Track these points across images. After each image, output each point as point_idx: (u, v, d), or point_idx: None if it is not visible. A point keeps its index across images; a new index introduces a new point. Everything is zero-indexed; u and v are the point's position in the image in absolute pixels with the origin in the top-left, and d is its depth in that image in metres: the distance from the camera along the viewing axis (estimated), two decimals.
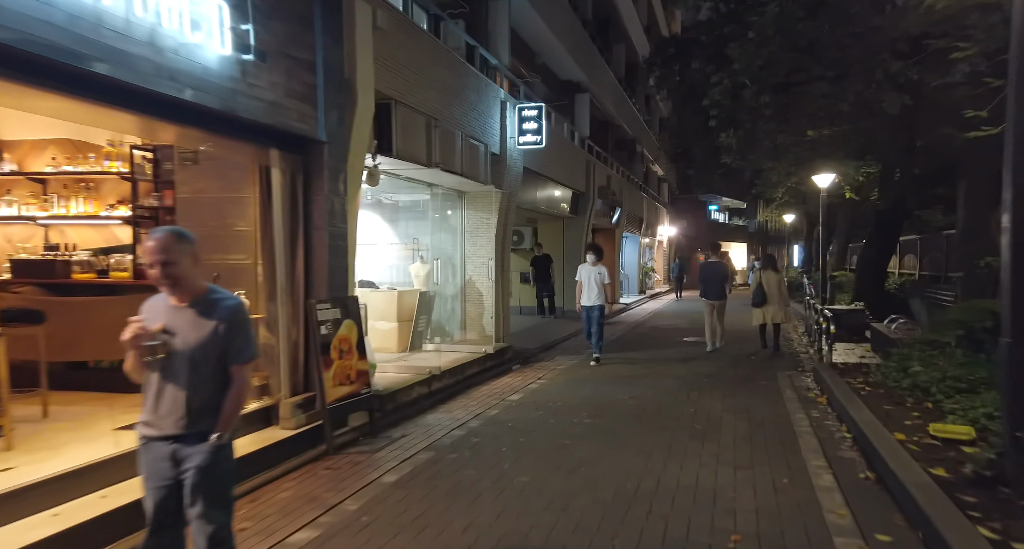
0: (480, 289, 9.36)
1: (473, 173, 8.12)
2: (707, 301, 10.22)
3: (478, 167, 8.32)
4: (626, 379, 7.77)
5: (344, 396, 4.75)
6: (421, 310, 8.40)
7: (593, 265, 8.54)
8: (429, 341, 8.74)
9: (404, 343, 8.18)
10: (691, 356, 9.61)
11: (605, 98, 17.22)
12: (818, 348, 9.72)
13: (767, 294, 9.81)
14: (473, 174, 8.12)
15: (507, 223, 9.66)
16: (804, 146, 14.82)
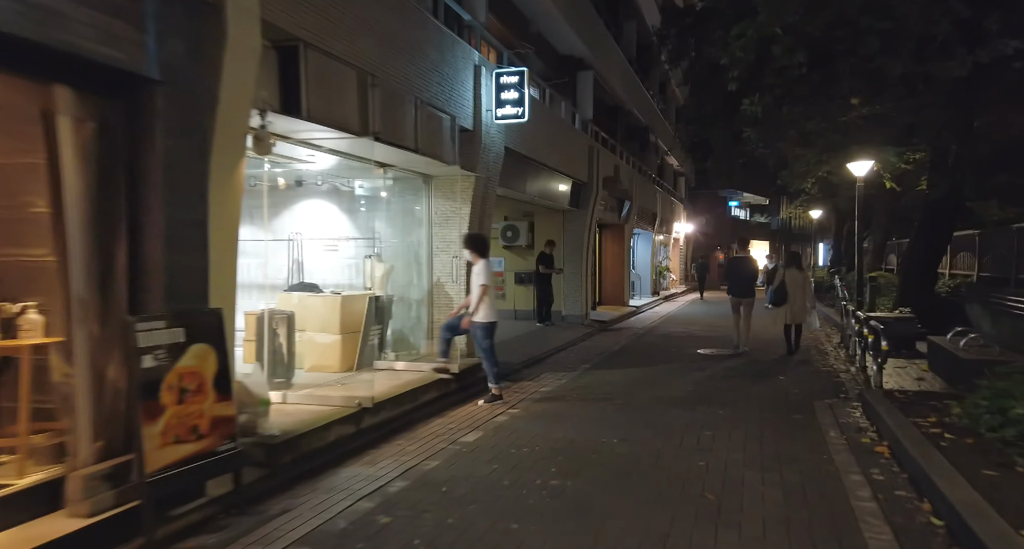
0: (450, 293, 7.81)
1: (434, 150, 6.56)
2: (734, 298, 9.76)
3: (441, 143, 6.76)
4: (620, 409, 6.15)
5: (186, 458, 3.23)
6: (374, 319, 6.87)
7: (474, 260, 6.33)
8: (385, 356, 7.22)
9: (349, 360, 6.66)
10: (706, 376, 7.95)
11: (613, 78, 15.53)
12: (861, 366, 8.04)
13: (789, 293, 9.24)
14: (434, 151, 6.56)
15: (484, 214, 8.08)
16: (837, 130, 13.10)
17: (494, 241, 13.69)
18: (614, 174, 15.32)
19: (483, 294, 6.17)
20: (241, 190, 4.04)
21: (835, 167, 14.61)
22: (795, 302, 9.34)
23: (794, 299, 9.33)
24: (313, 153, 5.86)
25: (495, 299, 14.49)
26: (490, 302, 6.32)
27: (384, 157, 6.39)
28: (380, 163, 6.68)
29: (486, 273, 6.25)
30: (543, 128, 10.52)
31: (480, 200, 7.90)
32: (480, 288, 6.18)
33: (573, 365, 8.72)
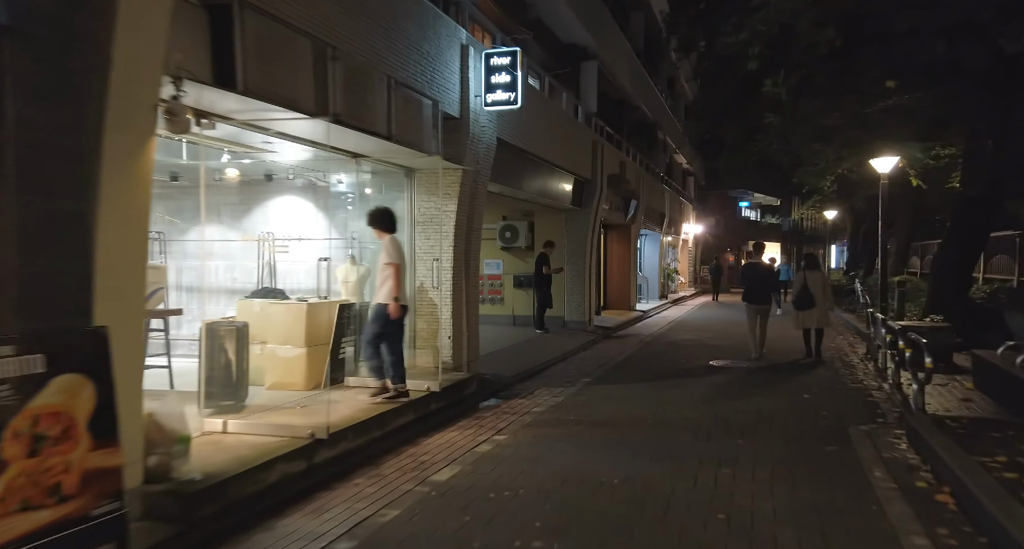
0: (435, 299, 7.01)
1: (411, 138, 5.76)
2: (750, 305, 9.36)
3: (421, 130, 5.96)
4: (622, 436, 5.32)
5: (38, 530, 2.43)
6: (347, 329, 6.07)
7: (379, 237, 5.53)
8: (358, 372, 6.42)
9: (317, 376, 5.86)
10: (720, 393, 7.10)
11: (619, 70, 14.69)
12: (895, 383, 7.17)
13: (814, 296, 8.91)
14: (411, 139, 5.76)
15: (473, 211, 7.28)
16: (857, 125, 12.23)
17: (492, 242, 12.93)
18: (619, 171, 14.48)
19: (396, 274, 5.29)
20: (149, 176, 3.26)
21: (856, 164, 13.74)
22: (820, 305, 9.00)
23: (817, 303, 8.98)
24: (270, 141, 5.08)
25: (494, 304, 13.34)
26: (403, 283, 5.49)
27: (354, 145, 5.60)
28: (353, 153, 5.90)
29: (396, 251, 5.39)
30: (542, 120, 9.72)
31: (468, 196, 7.10)
32: (390, 267, 5.29)
33: (572, 379, 7.89)
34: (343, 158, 5.91)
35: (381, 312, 5.35)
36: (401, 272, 5.35)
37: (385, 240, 5.41)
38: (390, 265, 5.27)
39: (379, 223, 5.47)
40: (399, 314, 5.35)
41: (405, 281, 5.54)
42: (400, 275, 5.32)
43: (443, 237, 6.93)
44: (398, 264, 5.30)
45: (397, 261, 5.31)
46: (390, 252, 5.32)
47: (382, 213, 5.50)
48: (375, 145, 5.59)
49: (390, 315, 5.30)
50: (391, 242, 5.41)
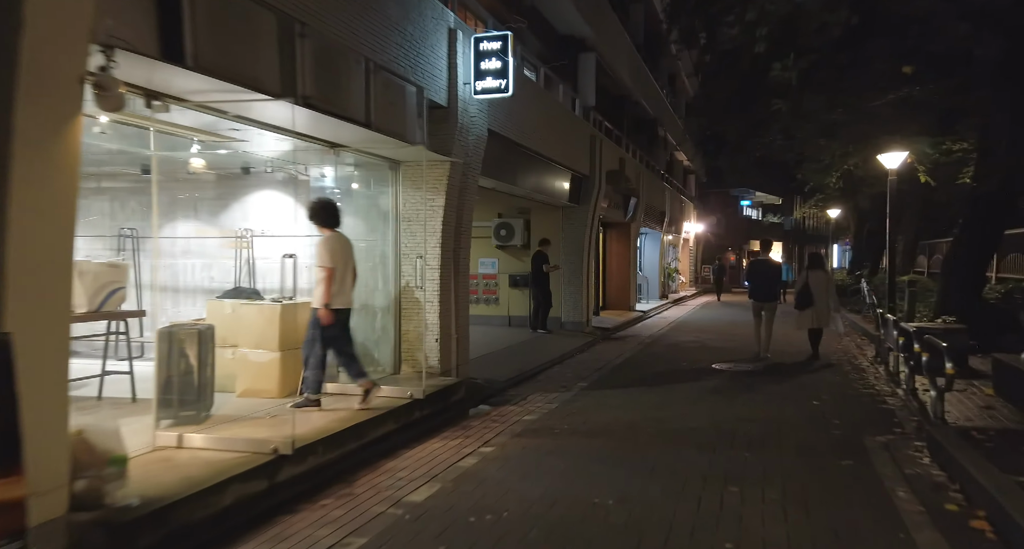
0: (421, 300, 6.60)
1: (393, 126, 5.35)
2: (756, 303, 9.30)
3: (404, 118, 5.55)
4: (619, 448, 4.91)
5: None
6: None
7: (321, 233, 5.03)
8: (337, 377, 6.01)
9: (292, 383, 5.44)
10: (724, 399, 6.69)
11: (618, 64, 14.28)
12: (910, 388, 6.77)
13: (814, 296, 8.81)
14: (393, 127, 5.35)
15: (462, 207, 6.87)
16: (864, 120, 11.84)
17: (487, 240, 12.53)
18: (619, 168, 14.08)
19: (328, 278, 4.79)
20: (76, 160, 2.84)
21: (862, 160, 13.32)
22: (820, 305, 8.88)
23: (819, 302, 8.87)
24: (238, 127, 4.67)
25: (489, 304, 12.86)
26: (346, 284, 4.96)
27: (331, 134, 5.18)
28: (330, 143, 5.49)
29: (328, 252, 4.84)
30: (537, 112, 9.31)
31: (457, 190, 6.69)
32: (322, 270, 4.80)
33: (568, 383, 7.49)
34: (320, 148, 5.49)
35: (314, 317, 4.91)
36: (336, 276, 4.86)
37: (321, 238, 4.93)
38: (322, 268, 4.80)
39: (318, 217, 4.94)
40: (330, 320, 4.85)
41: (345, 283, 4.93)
42: (333, 279, 4.83)
43: (430, 234, 6.52)
44: (331, 268, 4.82)
45: (330, 264, 4.80)
46: (321, 254, 4.84)
47: (321, 206, 4.98)
48: (353, 133, 5.17)
49: (322, 321, 4.85)
50: (326, 242, 4.89)
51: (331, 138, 5.33)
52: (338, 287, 4.89)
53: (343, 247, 5.01)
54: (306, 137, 5.06)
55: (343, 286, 4.95)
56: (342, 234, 5.07)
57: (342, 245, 5.01)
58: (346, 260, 4.99)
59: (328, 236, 4.95)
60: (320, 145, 5.43)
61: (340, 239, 5.02)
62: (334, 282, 4.85)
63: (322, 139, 5.25)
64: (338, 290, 4.89)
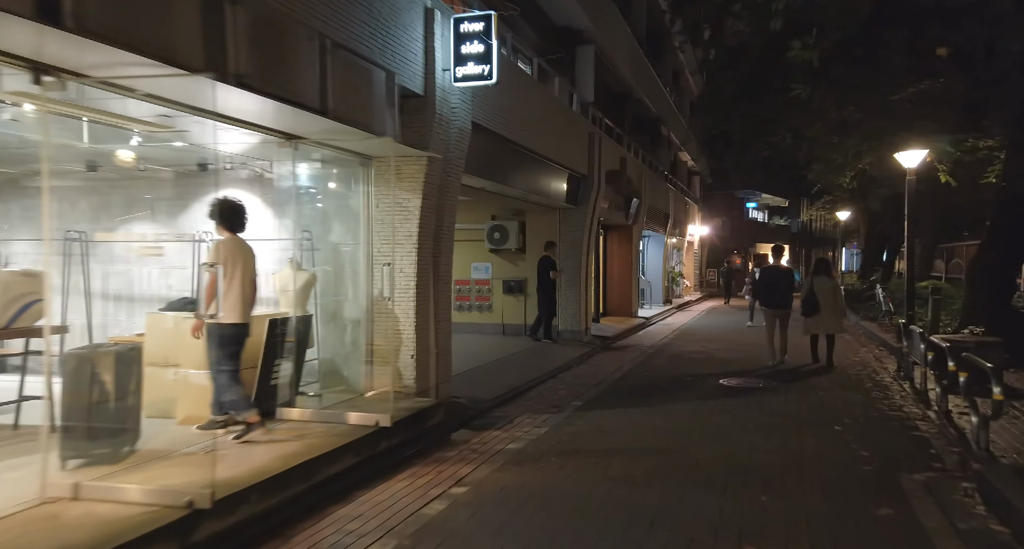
0: (396, 311, 5.91)
1: (358, 115, 4.68)
2: (768, 310, 9.18)
3: (370, 106, 4.88)
4: (614, 488, 4.20)
5: None
6: (283, 347, 4.98)
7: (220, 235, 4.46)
8: (301, 398, 5.33)
9: None
10: (735, 423, 5.97)
11: (619, 58, 13.59)
12: (943, 410, 6.05)
13: (819, 303, 8.68)
14: (357, 117, 4.68)
15: (444, 207, 6.19)
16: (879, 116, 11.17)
17: (479, 244, 11.85)
18: (620, 168, 13.38)
19: (211, 285, 4.17)
20: None
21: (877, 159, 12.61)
22: (825, 312, 8.72)
23: (824, 308, 8.71)
24: (169, 114, 4.00)
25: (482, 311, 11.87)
26: (241, 296, 4.27)
27: (284, 123, 4.51)
28: (285, 134, 4.81)
29: (232, 255, 4.25)
30: (530, 105, 8.63)
31: (436, 189, 6.01)
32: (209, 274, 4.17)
33: (561, 402, 6.79)
34: (273, 141, 4.82)
35: (213, 331, 4.26)
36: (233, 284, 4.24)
37: (217, 240, 4.33)
38: (210, 271, 4.16)
39: (220, 218, 4.33)
40: (198, 332, 4.23)
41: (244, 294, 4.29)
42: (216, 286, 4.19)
43: (405, 237, 5.84)
44: (230, 271, 4.17)
45: (230, 268, 4.19)
46: (211, 255, 4.24)
47: (226, 207, 4.36)
48: (310, 123, 4.50)
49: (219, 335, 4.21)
50: (221, 244, 4.28)
51: (285, 128, 4.66)
52: (238, 297, 4.23)
53: (242, 253, 4.36)
54: (254, 126, 4.39)
55: (242, 297, 4.28)
56: (243, 240, 4.44)
57: (240, 251, 4.37)
58: (243, 268, 4.33)
59: (226, 239, 4.32)
60: (275, 137, 4.75)
61: (239, 244, 4.38)
62: (228, 292, 4.20)
63: (274, 129, 4.58)
64: (236, 302, 4.23)
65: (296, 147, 4.94)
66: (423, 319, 5.97)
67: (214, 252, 4.25)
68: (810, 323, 8.85)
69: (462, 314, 11.99)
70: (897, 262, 21.04)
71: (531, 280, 11.40)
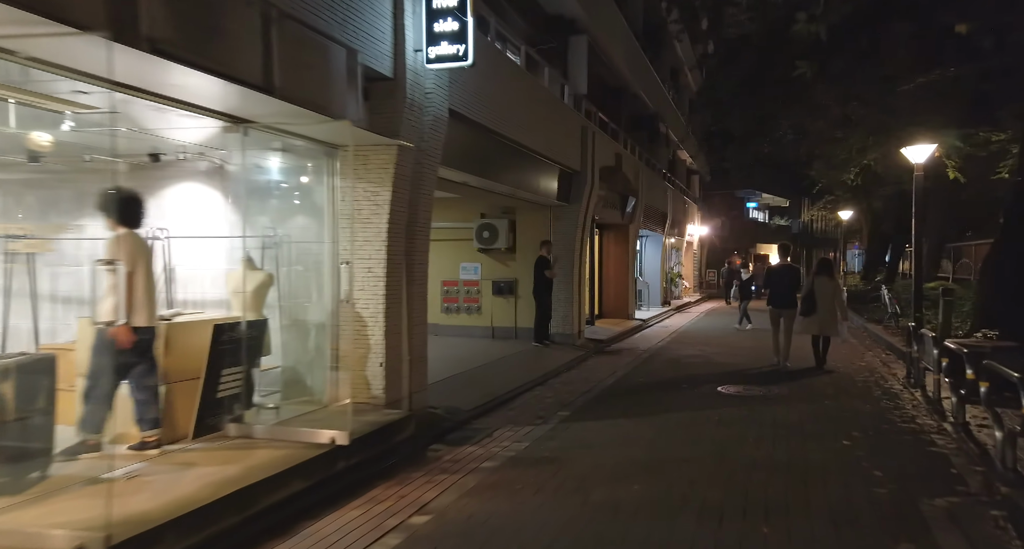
0: (364, 315, 5.41)
1: (309, 95, 4.19)
2: (774, 310, 9.05)
3: (327, 86, 4.39)
4: (595, 516, 3.70)
5: None
6: (225, 357, 4.47)
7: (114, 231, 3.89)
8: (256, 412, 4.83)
9: (182, 424, 4.27)
10: (733, 437, 5.46)
11: (614, 50, 13.10)
12: (960, 422, 5.56)
13: (817, 303, 8.61)
14: (309, 96, 4.18)
15: (418, 202, 5.69)
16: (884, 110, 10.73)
17: (468, 243, 11.35)
18: (615, 164, 12.89)
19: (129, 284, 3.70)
20: None
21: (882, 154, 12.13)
22: (823, 312, 8.62)
23: (822, 309, 8.62)
24: (84, 89, 3.49)
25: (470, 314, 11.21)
26: (147, 297, 3.79)
27: (224, 103, 4.01)
28: (232, 117, 4.31)
29: (135, 253, 3.79)
30: (517, 95, 8.14)
31: (409, 181, 5.51)
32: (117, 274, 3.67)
33: (547, 412, 6.28)
34: (219, 126, 4.32)
35: (103, 338, 3.74)
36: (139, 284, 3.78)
37: (114, 236, 3.82)
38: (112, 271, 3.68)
39: (115, 212, 3.80)
40: (130, 340, 3.71)
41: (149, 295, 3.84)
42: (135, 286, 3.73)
43: (374, 234, 5.34)
44: (129, 271, 3.70)
45: (129, 267, 3.69)
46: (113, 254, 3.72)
47: (122, 199, 3.83)
48: (256, 103, 4.01)
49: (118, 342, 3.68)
50: (120, 241, 3.78)
51: (228, 109, 4.16)
52: (144, 298, 3.74)
53: (143, 251, 3.93)
54: (190, 106, 3.88)
55: (147, 299, 3.80)
56: (139, 236, 3.97)
57: (142, 248, 3.92)
58: (145, 267, 3.87)
59: (123, 235, 3.81)
60: (219, 120, 4.26)
61: (137, 240, 3.93)
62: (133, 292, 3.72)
63: (215, 110, 4.08)
64: (143, 302, 3.73)
65: (246, 133, 4.45)
66: (394, 323, 5.47)
67: (113, 249, 3.74)
68: (807, 323, 8.77)
69: (450, 316, 11.50)
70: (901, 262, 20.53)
71: (522, 281, 10.91)
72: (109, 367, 3.69)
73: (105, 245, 3.77)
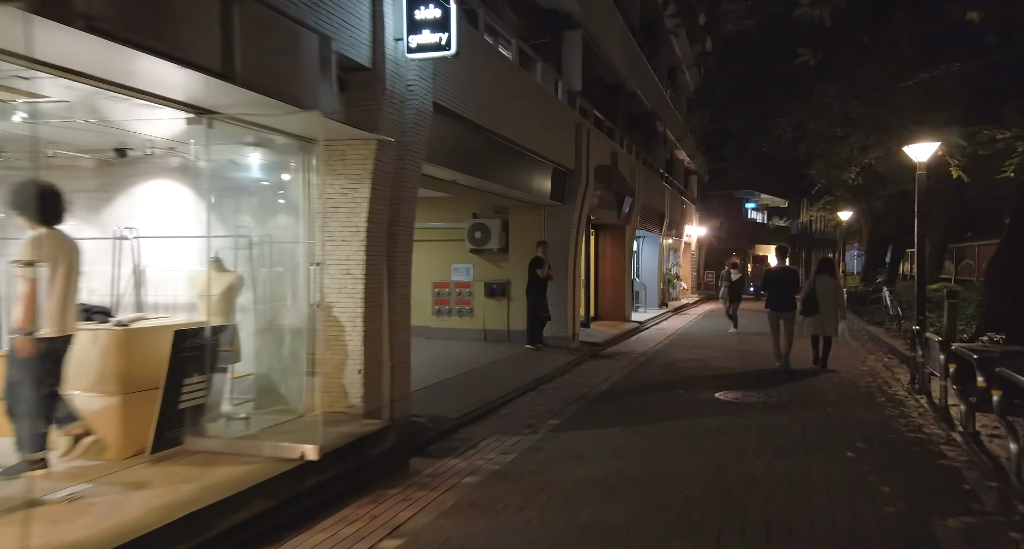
0: (342, 319, 5.12)
1: (277, 84, 3.90)
2: (773, 312, 8.87)
3: (298, 75, 4.10)
4: (579, 540, 3.41)
5: None
6: (187, 366, 4.17)
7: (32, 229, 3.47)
8: (225, 423, 4.53)
9: (140, 438, 3.97)
10: (732, 449, 5.17)
11: (610, 46, 12.83)
12: (970, 431, 5.30)
13: (819, 303, 8.50)
14: (277, 85, 3.90)
15: (401, 200, 5.40)
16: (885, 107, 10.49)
17: (460, 244, 11.06)
18: (611, 163, 12.62)
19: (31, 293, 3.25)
20: None
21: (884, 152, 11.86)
22: (824, 312, 8.53)
23: (823, 309, 8.52)
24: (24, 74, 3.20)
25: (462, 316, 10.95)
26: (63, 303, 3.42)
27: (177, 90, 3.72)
28: (195, 107, 4.02)
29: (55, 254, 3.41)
30: (508, 90, 7.86)
31: (390, 178, 5.22)
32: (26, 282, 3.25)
33: (536, 421, 6.00)
34: (181, 117, 4.03)
35: (10, 351, 3.40)
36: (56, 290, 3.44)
37: (32, 236, 3.42)
38: (25, 277, 3.29)
39: (29, 209, 3.39)
40: (30, 352, 3.31)
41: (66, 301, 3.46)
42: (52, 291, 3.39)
43: (352, 233, 5.05)
44: (32, 279, 3.36)
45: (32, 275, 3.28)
46: (28, 257, 3.32)
47: (37, 194, 3.39)
48: (218, 92, 3.72)
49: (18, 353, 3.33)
50: (38, 241, 3.38)
51: (189, 99, 3.87)
52: (58, 305, 3.42)
53: (66, 251, 3.52)
54: (145, 95, 3.59)
55: (61, 305, 3.44)
56: (64, 234, 3.58)
57: (64, 248, 3.52)
58: (68, 269, 3.50)
59: (42, 235, 3.41)
60: (179, 110, 3.96)
61: (60, 240, 3.51)
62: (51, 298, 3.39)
63: (174, 99, 3.79)
64: (57, 309, 3.42)
65: (210, 124, 4.15)
66: (374, 328, 5.18)
67: (33, 249, 3.35)
68: (807, 323, 8.65)
69: (441, 319, 11.21)
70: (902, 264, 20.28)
71: (515, 282, 10.63)
72: (30, 379, 3.36)
73: (22, 245, 3.39)
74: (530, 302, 9.97)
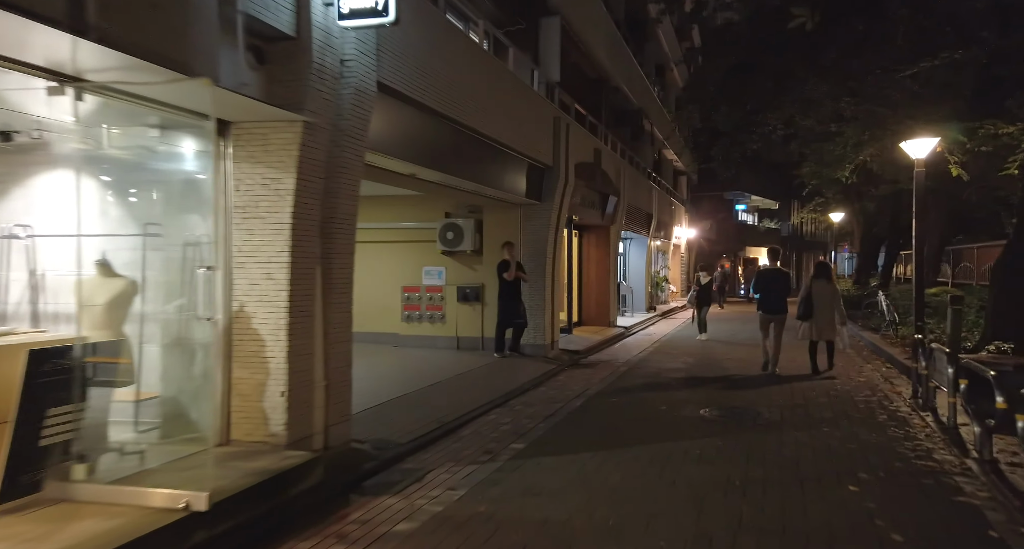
0: (262, 332, 4.36)
1: (150, 40, 3.15)
2: (764, 315, 8.63)
3: (181, 32, 3.36)
4: None
5: None
6: (46, 393, 3.40)
7: None
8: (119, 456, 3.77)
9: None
10: (716, 479, 4.46)
11: (591, 36, 12.15)
12: (987, 460, 4.63)
13: (815, 306, 8.31)
14: (150, 43, 3.15)
15: (338, 193, 4.66)
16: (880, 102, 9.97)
17: (431, 245, 10.30)
18: (594, 160, 11.94)
19: None
20: None
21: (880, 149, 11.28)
22: (821, 317, 8.31)
23: (820, 314, 8.30)
24: None
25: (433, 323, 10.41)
26: None
27: (24, 50, 2.97)
28: (57, 74, 3.27)
29: None
30: (472, 74, 7.13)
31: (322, 167, 4.49)
32: None
33: (497, 444, 5.27)
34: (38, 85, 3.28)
35: None
36: None
37: None
38: None
39: None
40: None
41: None
42: None
43: (275, 232, 4.31)
44: None
45: None
46: None
47: None
48: (78, 52, 2.98)
49: None
50: None
51: (40, 60, 3.11)
52: None
53: None
54: None
55: None
56: None
57: None
58: None
59: None
60: (34, 76, 3.21)
61: None
62: None
63: (20, 60, 3.04)
64: None
65: (80, 96, 3.40)
66: (300, 342, 4.44)
67: None
68: (804, 328, 8.41)
69: (411, 326, 10.47)
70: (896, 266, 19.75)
71: (489, 286, 9.91)
72: None
73: None
74: (500, 306, 9.26)
